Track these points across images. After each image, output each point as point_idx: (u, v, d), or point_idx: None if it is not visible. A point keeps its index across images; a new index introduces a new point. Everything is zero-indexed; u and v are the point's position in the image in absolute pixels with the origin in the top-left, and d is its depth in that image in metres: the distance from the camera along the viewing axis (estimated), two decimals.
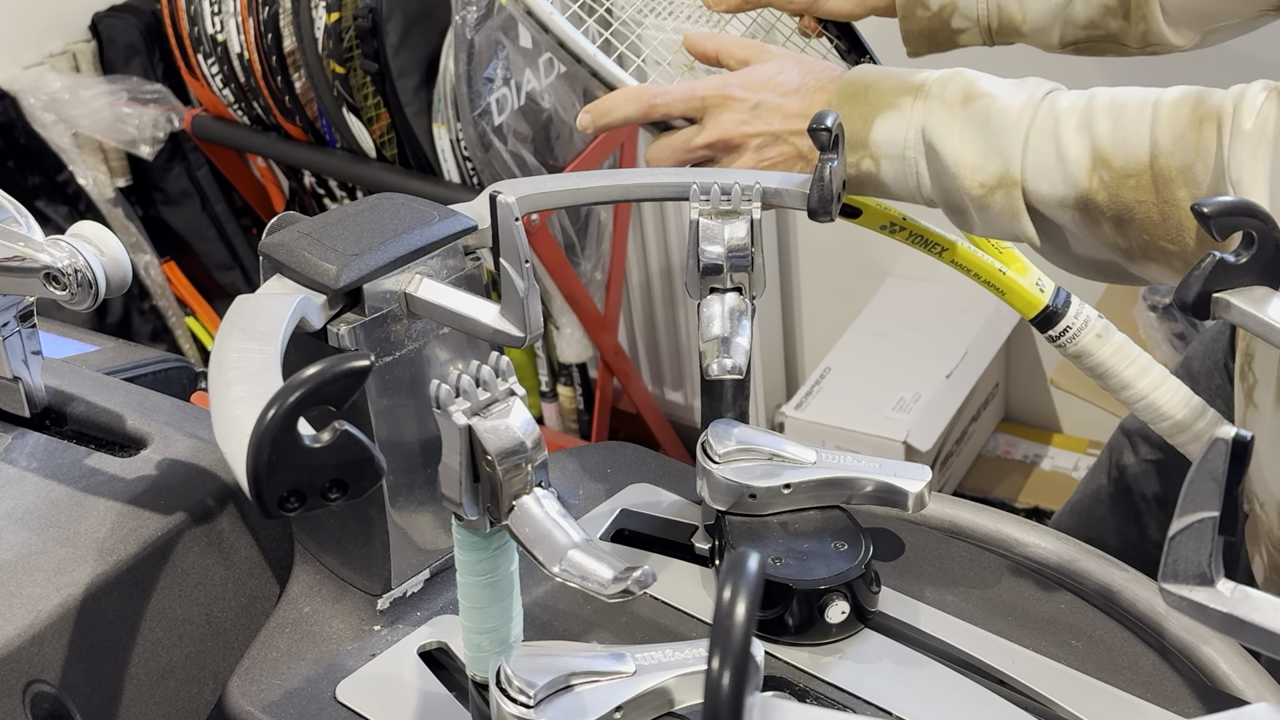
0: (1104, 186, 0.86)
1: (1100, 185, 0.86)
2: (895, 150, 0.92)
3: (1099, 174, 0.86)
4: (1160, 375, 1.10)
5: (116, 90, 2.13)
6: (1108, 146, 0.86)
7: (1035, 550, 0.86)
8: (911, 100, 0.92)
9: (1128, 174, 0.85)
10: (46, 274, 0.78)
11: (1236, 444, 0.55)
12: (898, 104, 0.92)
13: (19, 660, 0.75)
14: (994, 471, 2.31)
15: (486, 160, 1.96)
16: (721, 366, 0.75)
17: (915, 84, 0.92)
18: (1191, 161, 0.83)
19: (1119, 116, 0.86)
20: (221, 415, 0.56)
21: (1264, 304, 0.69)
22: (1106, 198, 0.86)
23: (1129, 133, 0.85)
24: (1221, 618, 0.57)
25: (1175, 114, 0.84)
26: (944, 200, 0.93)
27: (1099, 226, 0.87)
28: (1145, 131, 0.85)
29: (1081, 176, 0.86)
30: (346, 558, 0.80)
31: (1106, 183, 0.86)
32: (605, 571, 0.58)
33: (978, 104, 0.90)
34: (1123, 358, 1.10)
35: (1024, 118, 0.89)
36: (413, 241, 0.73)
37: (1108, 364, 1.10)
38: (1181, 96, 0.85)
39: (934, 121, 0.90)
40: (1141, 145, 0.85)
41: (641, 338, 2.47)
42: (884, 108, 0.92)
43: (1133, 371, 1.10)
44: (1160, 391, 1.10)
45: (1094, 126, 0.87)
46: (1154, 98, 0.87)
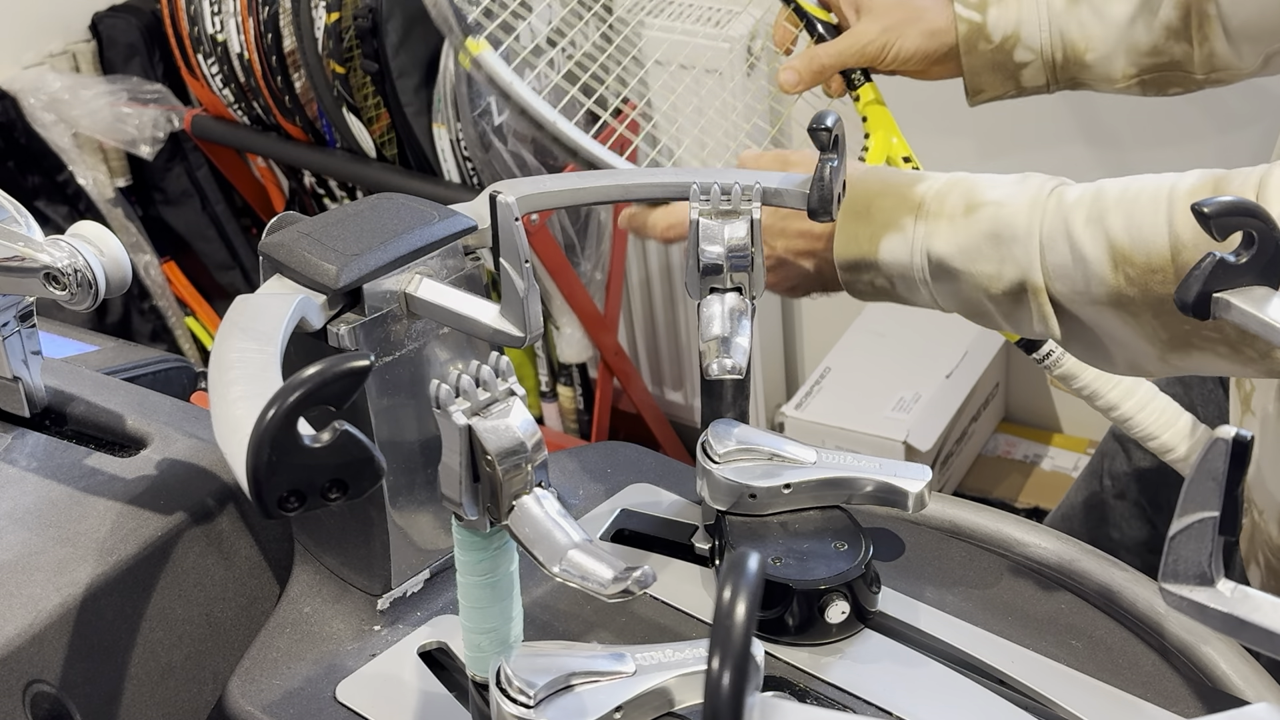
0: (1131, 283, 0.82)
1: (1128, 281, 0.82)
2: (905, 271, 0.90)
3: (1124, 270, 0.82)
4: (1148, 394, 1.10)
5: (116, 90, 2.14)
6: (1125, 244, 0.82)
7: (1035, 550, 0.86)
8: (913, 220, 0.89)
9: (1152, 269, 0.81)
10: (46, 274, 0.78)
11: (1236, 444, 0.55)
12: (900, 224, 0.89)
13: (19, 660, 0.75)
14: (994, 471, 2.31)
15: (486, 160, 1.96)
16: (721, 366, 0.75)
17: (915, 201, 0.89)
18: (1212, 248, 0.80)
19: (1132, 210, 0.83)
20: (221, 415, 0.56)
21: (1264, 304, 0.69)
22: (1138, 293, 0.82)
23: (1145, 227, 0.82)
24: (1221, 618, 0.57)
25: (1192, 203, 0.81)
26: (965, 309, 0.90)
27: (1140, 320, 0.84)
28: (1163, 225, 0.81)
29: (1107, 274, 0.83)
30: (346, 558, 0.80)
31: (1133, 279, 0.82)
32: (605, 571, 0.58)
33: (982, 213, 0.87)
34: (1108, 379, 1.10)
35: (1033, 220, 0.85)
36: (413, 241, 0.73)
37: (1093, 385, 1.10)
38: (1199, 184, 0.82)
39: (938, 242, 0.88)
40: (1160, 240, 0.81)
41: (641, 338, 2.46)
42: (888, 228, 0.89)
43: (1118, 393, 1.10)
44: (1146, 412, 1.10)
45: (1107, 222, 0.83)
46: (1167, 188, 0.83)
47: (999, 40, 1.10)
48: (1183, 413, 1.10)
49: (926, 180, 0.91)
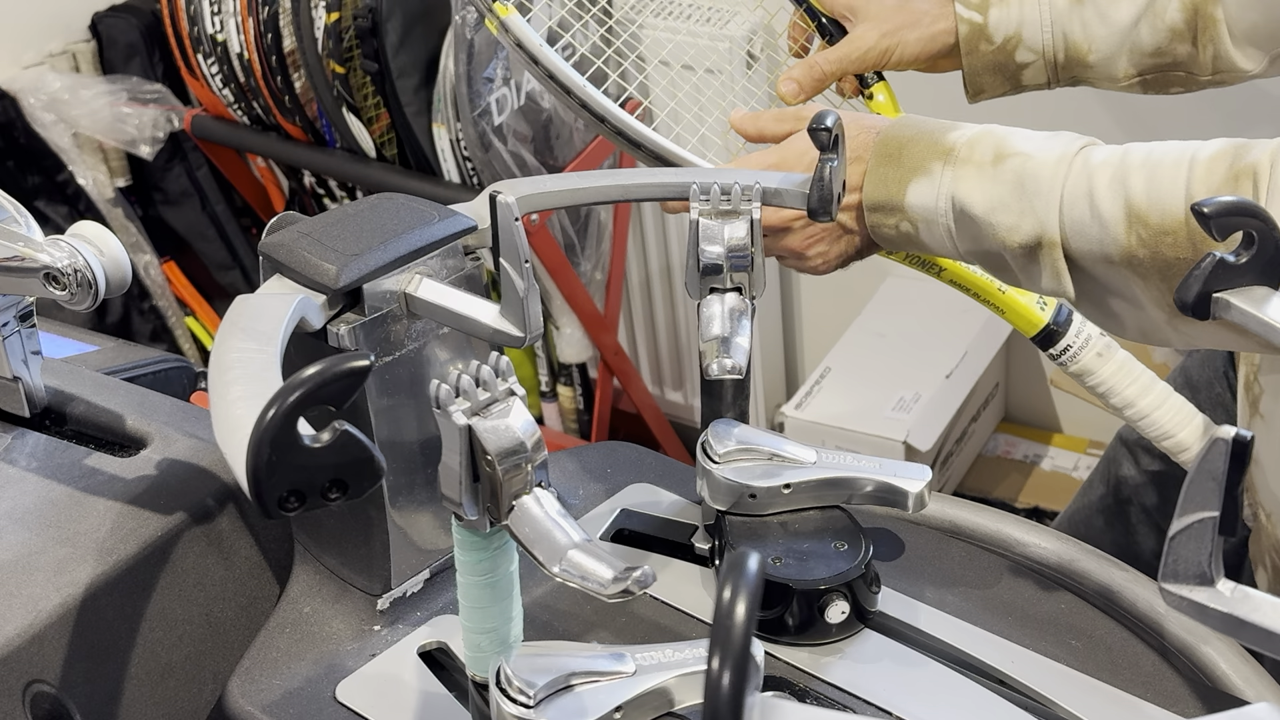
0: (1143, 244, 0.83)
1: (1139, 242, 0.83)
2: (929, 215, 0.90)
3: (1136, 231, 0.83)
4: (1163, 393, 1.09)
5: (116, 90, 2.13)
6: (1142, 203, 0.83)
7: (1035, 550, 0.86)
8: (941, 165, 0.90)
9: (1164, 230, 0.82)
10: (46, 274, 0.78)
11: (1237, 444, 0.55)
12: (929, 169, 0.90)
13: (19, 660, 0.75)
14: (994, 471, 2.31)
15: (486, 160, 1.96)
16: (721, 366, 0.75)
17: (946, 147, 0.90)
18: None
19: (1154, 173, 0.84)
20: (221, 415, 0.56)
21: (1264, 304, 0.69)
22: (1148, 254, 0.83)
23: (1164, 189, 0.83)
24: (1221, 618, 0.57)
25: (1212, 170, 0.82)
26: (984, 261, 0.91)
27: (1148, 283, 0.85)
28: (1180, 188, 0.82)
29: (1120, 234, 0.84)
30: (346, 558, 0.80)
31: (1145, 240, 0.83)
32: (605, 571, 0.58)
33: (1009, 163, 0.88)
34: (1125, 375, 1.09)
35: (1058, 175, 0.86)
36: (413, 241, 0.73)
37: (1109, 382, 1.09)
38: (1219, 152, 0.83)
39: (964, 188, 0.89)
40: (1177, 202, 0.82)
41: (641, 338, 2.46)
42: (917, 172, 0.90)
43: (1134, 390, 1.09)
44: (1163, 410, 1.09)
45: (1128, 183, 0.84)
46: (1190, 153, 0.84)
47: (1000, 41, 1.10)
48: (1196, 413, 1.09)
49: (960, 129, 0.92)
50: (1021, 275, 0.89)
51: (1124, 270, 0.85)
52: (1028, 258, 0.88)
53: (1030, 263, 0.88)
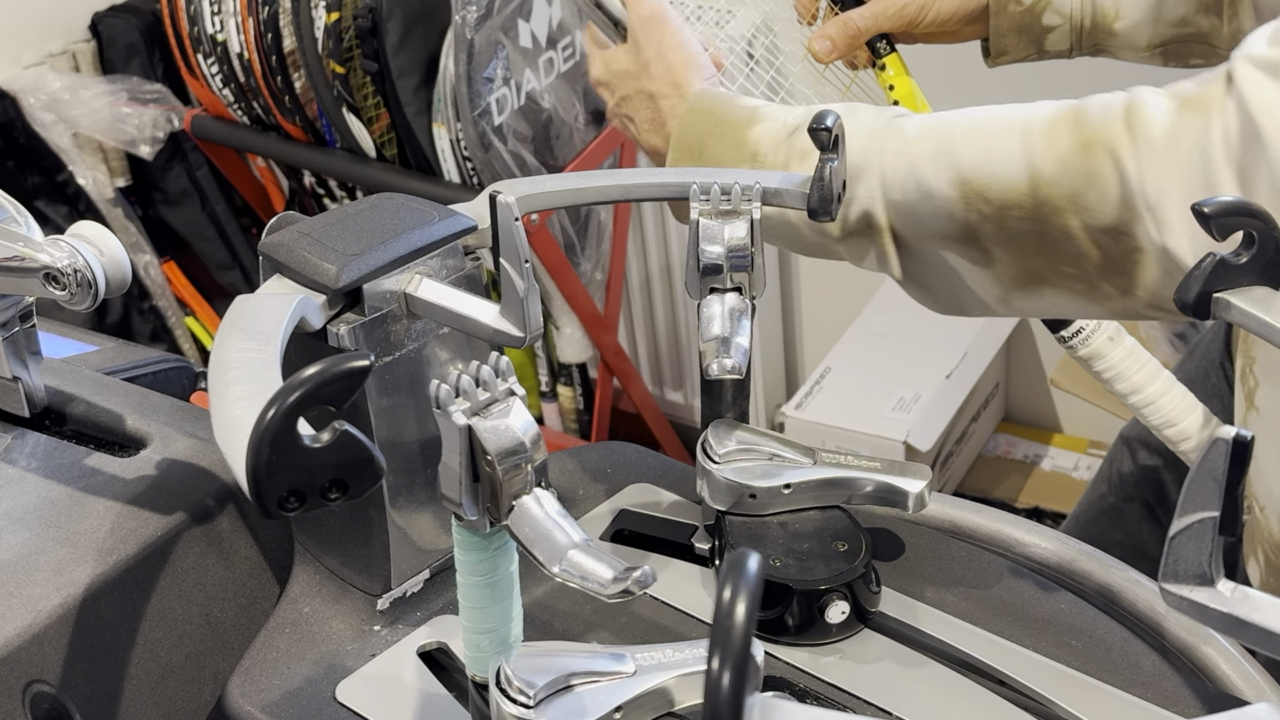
0: (986, 220, 0.81)
1: (982, 219, 0.81)
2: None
3: (977, 207, 0.81)
4: (1167, 381, 1.10)
5: (116, 90, 2.14)
6: (977, 177, 0.80)
7: (1035, 550, 0.86)
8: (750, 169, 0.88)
9: (1008, 204, 0.80)
10: (46, 274, 0.78)
11: (1237, 444, 0.55)
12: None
13: (19, 660, 0.75)
14: (994, 471, 2.31)
15: (486, 160, 1.96)
16: (721, 366, 0.75)
17: (750, 150, 0.88)
18: (1081, 189, 0.79)
19: (985, 143, 0.81)
20: (221, 415, 0.56)
21: (1264, 304, 0.69)
22: (993, 229, 0.81)
23: (998, 160, 0.80)
24: (1221, 618, 0.57)
25: (1052, 137, 0.80)
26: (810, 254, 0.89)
27: (990, 256, 0.83)
28: (1018, 158, 0.80)
29: (957, 210, 0.81)
30: (346, 558, 0.80)
31: (988, 215, 0.81)
32: (605, 571, 0.58)
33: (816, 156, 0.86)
34: (1133, 361, 1.09)
35: (870, 158, 0.84)
36: (413, 241, 0.73)
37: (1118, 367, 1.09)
38: (1054, 116, 0.80)
39: None
40: (1017, 173, 0.80)
41: (641, 338, 2.46)
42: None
43: (1142, 376, 1.09)
44: (1167, 398, 1.09)
45: (956, 155, 0.81)
46: (1022, 118, 0.81)
47: (1030, 2, 1.09)
48: (1198, 403, 1.09)
49: (762, 122, 0.89)
50: (850, 259, 0.87)
51: (960, 246, 0.82)
52: (855, 244, 0.85)
53: (858, 248, 0.86)
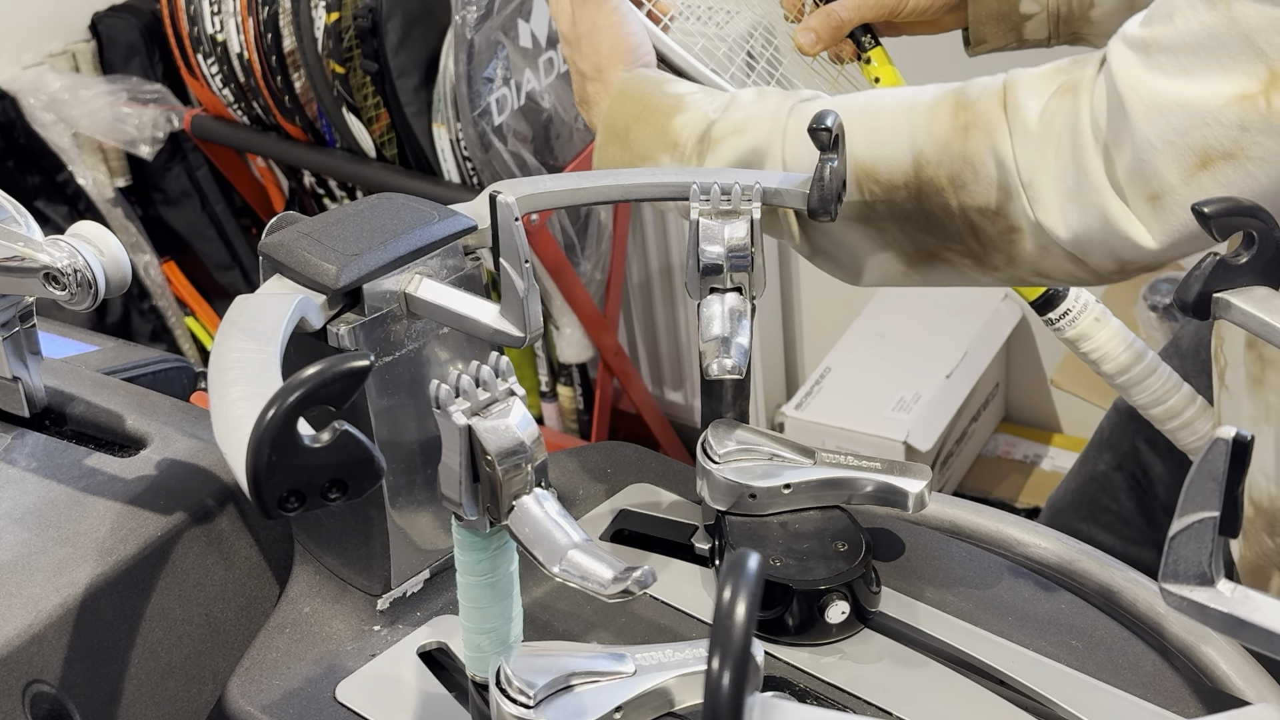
0: (877, 199, 0.84)
1: (873, 198, 0.84)
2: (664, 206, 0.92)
3: (867, 187, 0.84)
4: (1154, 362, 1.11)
5: (116, 90, 2.13)
6: (867, 159, 0.84)
7: (1035, 550, 0.86)
8: (669, 160, 0.90)
9: (895, 185, 0.84)
10: (46, 274, 0.78)
11: (1237, 444, 0.55)
12: (658, 162, 0.91)
13: (19, 660, 0.75)
14: (994, 471, 2.31)
15: (486, 160, 1.96)
16: (721, 366, 0.75)
17: (671, 139, 0.90)
18: (959, 169, 0.82)
19: (874, 125, 0.85)
20: (221, 415, 0.56)
21: (1264, 304, 0.69)
22: (884, 209, 0.84)
23: (887, 144, 0.84)
24: (1221, 618, 0.57)
25: (934, 119, 0.83)
26: None
27: (885, 234, 0.86)
28: (904, 141, 0.83)
29: (851, 191, 0.85)
30: (346, 558, 0.80)
31: (879, 195, 0.84)
32: (605, 571, 0.58)
33: (726, 144, 0.88)
34: (1119, 342, 1.11)
35: (774, 141, 0.87)
36: (413, 241, 0.73)
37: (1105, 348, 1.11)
38: (937, 99, 0.84)
39: None
40: (903, 155, 0.83)
41: (641, 338, 2.46)
42: (645, 162, 0.91)
43: (1128, 356, 1.11)
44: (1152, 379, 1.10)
45: (850, 138, 0.84)
46: (908, 102, 0.85)
47: None
48: (1183, 383, 1.10)
49: (685, 110, 0.91)
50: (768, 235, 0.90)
51: (858, 225, 0.86)
52: (768, 222, 0.88)
53: (771, 227, 0.89)
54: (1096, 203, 0.79)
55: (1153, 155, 0.76)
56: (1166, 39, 0.75)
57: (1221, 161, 0.75)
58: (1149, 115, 0.76)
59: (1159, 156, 0.76)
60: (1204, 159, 0.75)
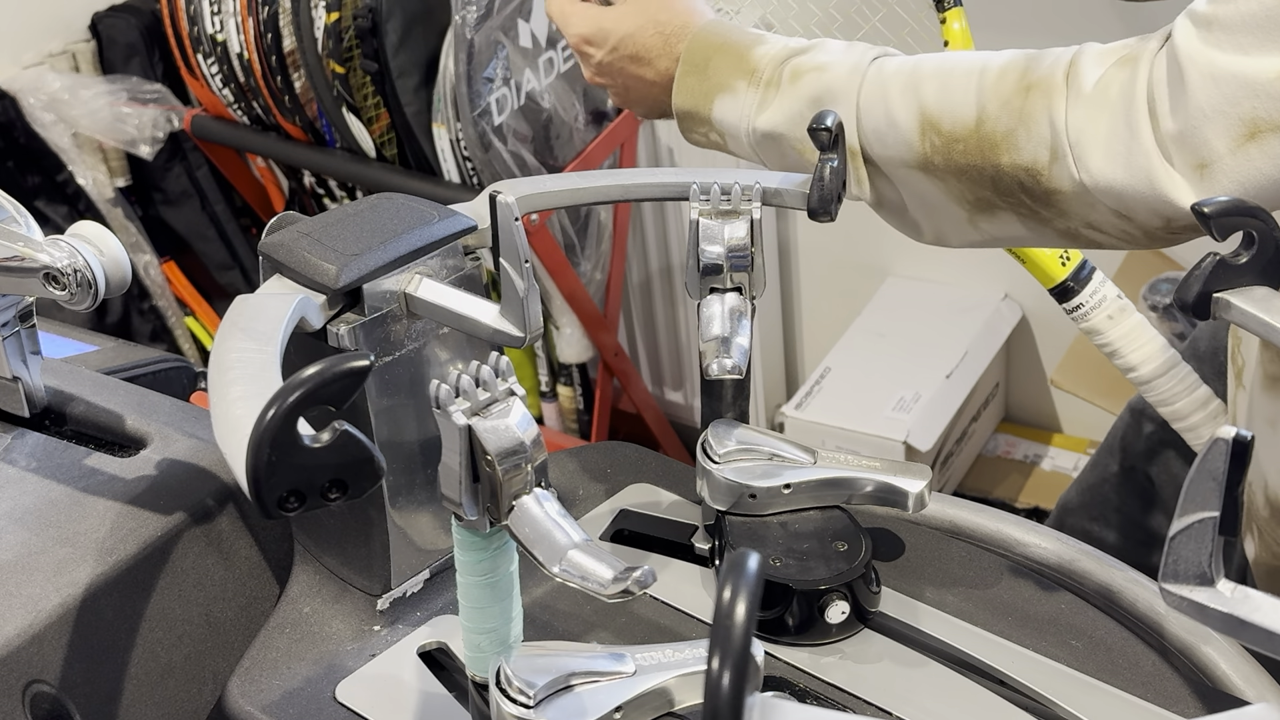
0: (936, 150, 0.88)
1: (933, 149, 0.88)
2: (734, 132, 0.95)
3: (930, 138, 0.88)
4: (1170, 360, 1.11)
5: (116, 90, 2.13)
6: (934, 111, 0.88)
7: (1035, 550, 0.86)
8: (746, 85, 0.94)
9: (955, 138, 0.87)
10: (46, 274, 0.78)
11: (1237, 444, 0.55)
12: (734, 88, 0.95)
13: (19, 660, 0.75)
14: (994, 471, 2.31)
15: (486, 160, 1.96)
16: (721, 366, 0.75)
17: (750, 65, 0.95)
18: (1015, 127, 0.85)
19: (946, 81, 0.88)
20: (221, 415, 0.56)
21: (1264, 304, 0.69)
22: (942, 160, 0.88)
23: (955, 97, 0.88)
24: (1221, 618, 0.57)
25: (1002, 79, 0.87)
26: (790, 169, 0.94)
27: (946, 184, 0.89)
28: (972, 97, 0.87)
29: (915, 140, 0.89)
30: (346, 558, 0.80)
31: (939, 147, 0.88)
32: (605, 571, 0.58)
33: (806, 79, 0.92)
34: (1133, 340, 1.12)
35: (851, 85, 0.91)
36: (413, 241, 0.73)
37: (1117, 344, 1.12)
38: (1010, 62, 0.87)
39: (767, 114, 0.93)
40: (968, 110, 0.87)
41: (641, 338, 2.46)
42: (722, 89, 0.95)
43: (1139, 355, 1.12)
44: (1167, 378, 1.11)
45: (921, 90, 0.89)
46: (981, 63, 0.89)
47: None
48: (1201, 384, 1.11)
49: (765, 43, 0.96)
50: None
51: (920, 174, 0.90)
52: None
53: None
54: (1144, 165, 0.82)
55: (1204, 123, 0.79)
56: (1228, 17, 0.79)
57: (1269, 134, 0.78)
58: (1204, 84, 0.79)
59: (1210, 125, 0.79)
60: (1253, 129, 0.78)
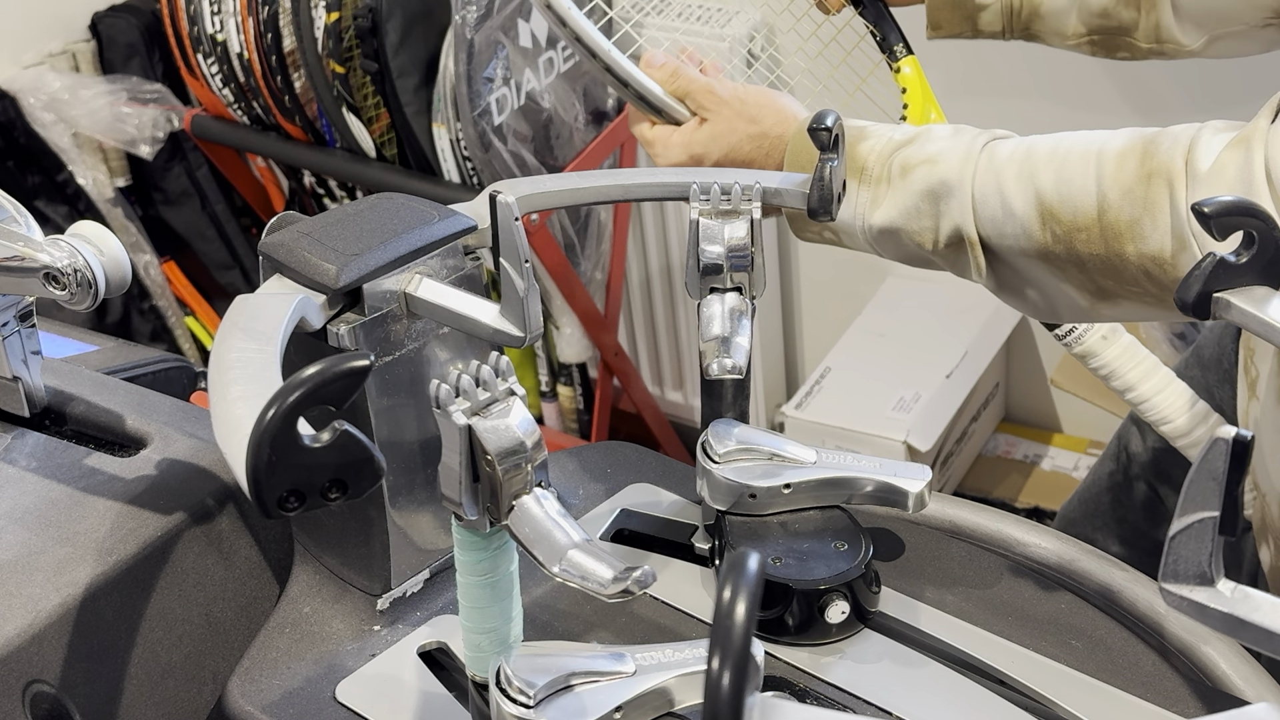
0: (1057, 240, 0.86)
1: (1054, 239, 0.86)
2: (849, 229, 0.94)
3: (1050, 228, 0.86)
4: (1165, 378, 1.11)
5: (116, 90, 2.13)
6: (1053, 200, 0.85)
7: (1035, 550, 0.86)
8: (856, 184, 0.93)
9: (1077, 228, 0.85)
10: (46, 274, 0.78)
11: (1237, 444, 0.55)
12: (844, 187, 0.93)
13: (19, 660, 0.75)
14: (994, 471, 2.31)
15: (486, 160, 1.96)
16: (721, 366, 0.75)
17: (859, 164, 0.93)
18: (1139, 216, 0.83)
19: (1063, 167, 0.86)
20: (221, 415, 0.56)
21: (1264, 304, 0.69)
22: (1063, 250, 0.86)
23: (1074, 186, 0.85)
24: (1221, 618, 0.57)
25: (1122, 166, 0.84)
26: (910, 262, 0.94)
27: (1066, 272, 0.87)
28: (1091, 185, 0.84)
29: (1035, 230, 0.86)
30: (346, 558, 0.80)
31: (1059, 236, 0.85)
32: (605, 571, 0.58)
33: (917, 173, 0.90)
34: (1128, 360, 1.12)
35: (965, 174, 0.89)
36: (413, 241, 0.73)
37: (1112, 365, 1.12)
38: (1127, 146, 0.85)
39: (881, 210, 0.92)
40: (1088, 199, 0.84)
41: (641, 338, 2.46)
42: None
43: (1136, 374, 1.11)
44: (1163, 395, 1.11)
45: (1037, 179, 0.86)
46: (1098, 147, 0.86)
47: None
48: (1197, 399, 1.11)
49: (869, 138, 0.95)
50: (949, 269, 0.93)
51: (1040, 263, 0.88)
52: (953, 255, 0.91)
53: (956, 258, 0.91)
54: None
55: None
56: None
57: None
58: None
59: None
60: None
